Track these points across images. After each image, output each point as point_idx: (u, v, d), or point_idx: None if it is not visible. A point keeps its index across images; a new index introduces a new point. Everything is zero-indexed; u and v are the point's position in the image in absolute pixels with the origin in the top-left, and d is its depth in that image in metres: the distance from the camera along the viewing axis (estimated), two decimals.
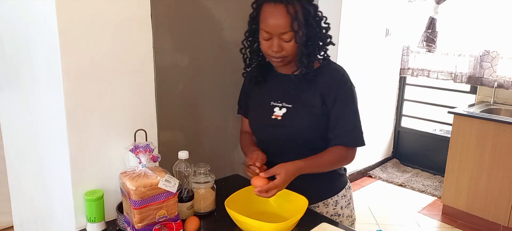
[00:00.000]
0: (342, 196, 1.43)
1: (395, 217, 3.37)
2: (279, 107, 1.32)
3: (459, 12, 3.71)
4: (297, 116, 1.30)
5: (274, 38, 1.21)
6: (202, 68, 1.59)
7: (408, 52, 4.21)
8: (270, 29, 1.20)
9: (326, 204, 1.40)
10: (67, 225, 1.27)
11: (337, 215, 1.42)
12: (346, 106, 1.28)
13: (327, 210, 1.40)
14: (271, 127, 1.33)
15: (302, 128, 1.29)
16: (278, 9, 1.17)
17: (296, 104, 1.30)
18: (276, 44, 1.21)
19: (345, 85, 1.29)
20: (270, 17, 1.19)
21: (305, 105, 1.29)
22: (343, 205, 1.43)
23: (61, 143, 1.18)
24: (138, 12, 1.20)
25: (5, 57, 1.48)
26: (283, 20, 1.17)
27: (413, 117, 4.42)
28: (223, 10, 1.59)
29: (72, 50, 1.09)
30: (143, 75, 1.25)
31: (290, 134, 1.31)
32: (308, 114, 1.29)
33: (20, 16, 1.29)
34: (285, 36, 1.19)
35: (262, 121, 1.36)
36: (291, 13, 1.16)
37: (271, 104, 1.34)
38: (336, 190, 1.42)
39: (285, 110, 1.31)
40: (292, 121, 1.30)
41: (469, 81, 3.68)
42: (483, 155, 3.04)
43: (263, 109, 1.36)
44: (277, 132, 1.32)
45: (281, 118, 1.31)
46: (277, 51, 1.22)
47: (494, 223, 3.07)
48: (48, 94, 1.20)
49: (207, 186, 1.31)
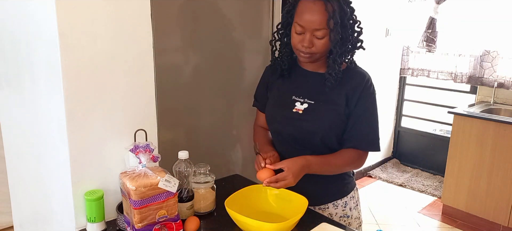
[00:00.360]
0: (351, 197, 1.42)
1: (395, 217, 3.37)
2: (301, 102, 1.32)
3: (459, 12, 3.71)
4: (319, 112, 1.29)
5: (306, 33, 1.21)
6: (202, 68, 1.59)
7: (408, 52, 4.21)
8: (305, 24, 1.20)
9: (336, 205, 1.40)
10: (67, 225, 1.27)
11: (346, 217, 1.41)
12: (366, 110, 1.29)
13: (336, 212, 1.40)
14: (291, 119, 1.32)
15: (322, 125, 1.29)
16: (316, 5, 1.18)
17: (319, 101, 1.30)
18: (307, 39, 1.21)
19: (368, 90, 1.30)
20: (307, 11, 1.19)
21: (328, 103, 1.29)
22: (352, 207, 1.43)
23: (61, 143, 1.18)
24: (138, 12, 1.20)
25: (5, 57, 1.48)
26: (320, 17, 1.17)
27: (413, 117, 4.42)
28: (223, 10, 1.59)
29: (72, 50, 1.09)
30: (143, 75, 1.25)
31: (308, 129, 1.30)
32: (330, 112, 1.29)
33: (20, 16, 1.29)
34: (318, 33, 1.20)
35: (282, 112, 1.35)
36: (329, 11, 1.17)
37: (293, 98, 1.34)
38: (346, 192, 1.41)
39: (307, 106, 1.31)
40: (313, 116, 1.29)
41: (469, 81, 3.68)
42: (483, 155, 3.04)
43: (283, 102, 1.36)
44: (296, 125, 1.32)
45: (302, 112, 1.30)
46: (307, 47, 1.22)
47: (494, 223, 3.07)
48: (48, 94, 1.20)
49: (207, 186, 1.31)
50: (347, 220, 1.41)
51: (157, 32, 1.29)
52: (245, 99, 1.72)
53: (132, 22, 1.19)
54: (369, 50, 4.50)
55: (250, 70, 1.72)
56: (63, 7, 1.05)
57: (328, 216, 1.37)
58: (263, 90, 1.48)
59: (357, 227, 1.44)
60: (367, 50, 3.37)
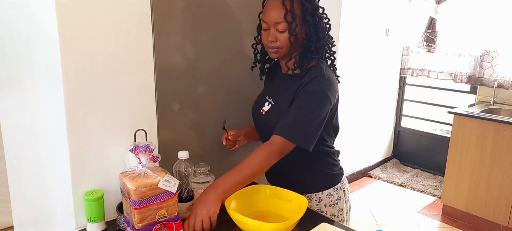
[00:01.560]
0: (328, 195, 1.45)
1: (395, 217, 3.37)
2: (268, 102, 1.43)
3: (459, 12, 3.71)
4: (274, 113, 1.39)
5: (270, 29, 1.30)
6: (202, 68, 1.59)
7: (408, 52, 4.21)
8: (267, 19, 1.30)
9: (310, 198, 1.44)
10: (67, 225, 1.27)
11: (320, 211, 1.44)
12: (298, 101, 1.29)
13: (310, 204, 1.44)
14: (258, 119, 1.47)
15: (275, 124, 1.32)
16: (276, 1, 1.28)
17: (278, 102, 1.40)
18: (271, 34, 1.30)
19: (310, 84, 1.29)
20: (268, 8, 1.30)
21: (281, 104, 1.37)
22: (327, 203, 1.45)
23: (61, 143, 1.18)
24: (138, 13, 1.20)
25: (5, 57, 1.48)
26: (278, 11, 1.26)
27: (413, 117, 4.42)
28: (223, 10, 1.59)
29: (72, 50, 1.09)
30: (143, 75, 1.25)
31: (268, 129, 1.37)
32: (280, 112, 1.34)
33: (20, 16, 1.29)
34: (279, 27, 1.28)
35: (255, 112, 1.49)
36: (286, 5, 1.26)
37: (266, 98, 1.45)
38: (321, 187, 1.45)
39: (270, 107, 1.42)
40: (271, 117, 1.40)
41: (469, 81, 3.68)
42: (483, 155, 3.04)
43: (259, 102, 1.48)
44: (262, 125, 1.46)
45: (265, 113, 1.42)
46: (271, 41, 1.31)
47: (494, 223, 3.07)
48: (48, 94, 1.20)
49: (207, 186, 1.31)
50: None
51: (157, 32, 1.29)
52: (245, 99, 1.72)
53: (132, 22, 1.19)
54: (369, 50, 4.50)
55: (250, 70, 1.72)
56: (63, 7, 1.05)
57: None
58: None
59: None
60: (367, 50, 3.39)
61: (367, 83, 3.92)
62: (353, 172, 4.05)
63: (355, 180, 4.07)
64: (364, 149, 4.10)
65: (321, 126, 1.30)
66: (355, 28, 3.62)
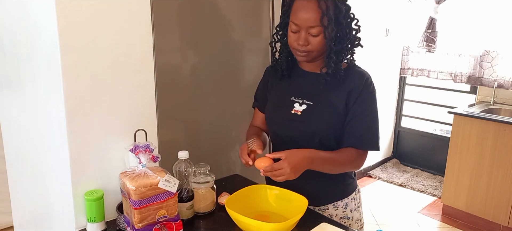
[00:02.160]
0: (352, 199, 1.41)
1: (395, 217, 3.37)
2: (300, 103, 1.32)
3: (459, 12, 3.71)
4: (318, 113, 1.29)
5: (301, 31, 1.22)
6: (202, 68, 1.59)
7: (408, 52, 4.21)
8: (300, 22, 1.21)
9: (336, 206, 1.39)
10: (67, 225, 1.27)
11: (347, 218, 1.40)
12: (364, 110, 1.28)
13: (337, 213, 1.39)
14: (289, 121, 1.32)
15: (321, 126, 1.28)
16: (310, 3, 1.19)
17: (318, 102, 1.30)
18: (303, 37, 1.22)
19: (367, 89, 1.29)
20: (301, 10, 1.20)
21: (327, 104, 1.29)
22: (353, 208, 1.41)
23: (61, 143, 1.18)
24: (138, 12, 1.20)
25: (5, 57, 1.48)
26: (314, 14, 1.18)
27: (413, 117, 4.42)
28: (223, 10, 1.59)
29: (72, 50, 1.09)
30: (143, 75, 1.25)
31: (307, 130, 1.30)
32: (329, 112, 1.28)
33: (20, 16, 1.29)
34: (313, 31, 1.20)
35: (281, 114, 1.35)
36: (322, 8, 1.18)
37: (292, 99, 1.34)
38: (347, 193, 1.40)
39: (306, 107, 1.31)
40: (312, 117, 1.29)
41: (469, 81, 3.68)
42: (483, 155, 3.04)
43: (282, 103, 1.35)
44: (295, 127, 1.31)
45: (301, 113, 1.30)
46: (303, 45, 1.23)
47: (494, 223, 3.07)
48: (48, 95, 1.20)
49: (207, 186, 1.31)
50: (347, 222, 1.40)
51: (157, 32, 1.29)
52: (245, 99, 1.72)
53: (132, 22, 1.19)
54: (369, 50, 4.50)
55: (250, 70, 1.72)
56: (63, 7, 1.06)
57: (328, 217, 1.37)
58: (263, 91, 1.47)
59: (358, 229, 1.44)
60: (367, 50, 3.41)
61: None
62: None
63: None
64: None
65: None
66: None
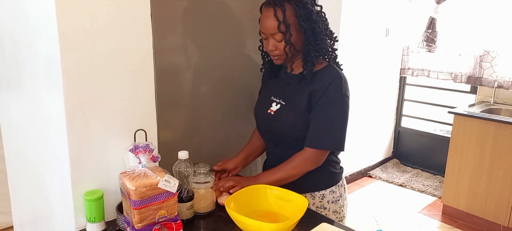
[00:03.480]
0: (331, 192, 1.47)
1: (395, 217, 3.37)
2: (276, 103, 1.42)
3: (459, 12, 3.71)
4: (286, 113, 1.39)
5: (269, 38, 1.32)
6: (202, 68, 1.59)
7: (408, 52, 4.21)
8: (264, 30, 1.31)
9: (313, 195, 1.46)
10: (67, 225, 1.27)
11: (323, 208, 1.47)
12: (324, 110, 1.33)
13: (313, 202, 1.46)
14: (266, 120, 1.45)
15: (288, 125, 1.39)
16: (268, 12, 1.28)
17: (288, 102, 1.40)
18: (270, 43, 1.32)
19: (330, 90, 1.32)
20: (263, 19, 1.30)
21: (293, 104, 1.38)
22: (330, 200, 1.47)
23: (61, 143, 1.18)
24: (138, 12, 1.20)
25: (5, 57, 1.48)
26: (272, 22, 1.27)
27: (413, 117, 4.42)
28: (223, 10, 1.59)
29: (72, 50, 1.09)
30: (143, 75, 1.25)
31: (278, 129, 1.42)
32: (293, 113, 1.37)
33: (20, 16, 1.29)
34: (276, 37, 1.29)
35: (261, 112, 1.48)
36: (278, 16, 1.25)
37: (271, 99, 1.45)
38: (325, 185, 1.47)
39: (279, 107, 1.41)
40: (280, 117, 1.40)
41: (468, 81, 3.68)
42: (483, 155, 3.04)
43: (264, 102, 1.47)
44: (269, 125, 1.45)
45: (274, 113, 1.42)
46: (271, 50, 1.33)
47: (494, 223, 3.07)
48: (48, 94, 1.20)
49: (207, 186, 1.31)
50: (323, 211, 1.46)
51: (157, 32, 1.29)
52: (245, 99, 1.72)
53: (132, 22, 1.19)
54: (369, 50, 4.49)
55: (250, 70, 1.72)
56: (63, 7, 1.05)
57: None
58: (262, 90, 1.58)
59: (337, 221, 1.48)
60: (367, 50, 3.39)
61: (367, 83, 3.91)
62: (353, 172, 4.04)
63: (355, 180, 4.07)
64: (364, 149, 4.09)
65: (347, 126, 1.37)
66: (355, 28, 3.62)
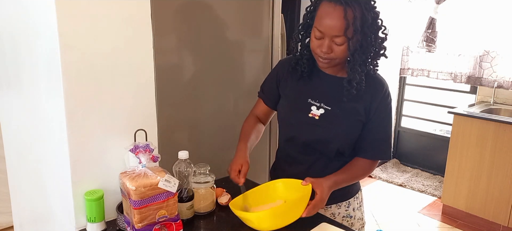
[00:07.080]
0: (355, 198, 1.42)
1: (395, 217, 3.37)
2: (317, 106, 1.28)
3: (459, 12, 3.71)
4: (336, 119, 1.26)
5: (325, 39, 1.16)
6: (203, 68, 1.59)
7: (408, 52, 4.21)
8: (324, 30, 1.15)
9: (339, 205, 1.39)
10: (67, 225, 1.27)
11: (349, 217, 1.40)
12: (382, 120, 1.28)
13: (339, 211, 1.39)
14: (306, 124, 1.29)
15: (339, 133, 1.27)
16: (336, 11, 1.12)
17: (336, 107, 1.26)
18: (326, 45, 1.17)
19: (386, 99, 1.29)
20: (326, 17, 1.14)
21: (347, 111, 1.26)
22: (355, 207, 1.41)
23: (61, 143, 1.18)
24: (138, 13, 1.20)
25: (5, 57, 1.48)
26: (339, 23, 1.12)
27: (413, 117, 4.42)
28: (223, 10, 1.59)
29: (72, 50, 1.09)
30: (143, 75, 1.25)
31: (324, 136, 1.28)
32: (348, 119, 1.26)
33: (20, 16, 1.29)
34: (337, 40, 1.15)
35: (297, 117, 1.31)
36: (348, 18, 1.12)
37: (309, 101, 1.29)
38: (351, 194, 1.40)
39: (323, 111, 1.27)
40: (330, 124, 1.26)
41: (468, 82, 3.68)
42: (483, 155, 3.04)
43: (299, 105, 1.31)
44: (311, 131, 1.29)
45: (318, 117, 1.27)
46: (326, 53, 1.18)
47: (494, 223, 3.07)
48: (48, 94, 1.20)
49: (207, 186, 1.31)
50: (350, 220, 1.41)
51: (157, 32, 1.29)
52: (245, 99, 1.72)
53: (132, 22, 1.19)
54: None
55: (250, 70, 1.72)
56: (63, 7, 1.05)
57: (330, 216, 1.37)
58: (273, 84, 1.40)
59: (359, 228, 1.44)
60: None
61: None
62: None
63: None
64: None
65: None
66: None
